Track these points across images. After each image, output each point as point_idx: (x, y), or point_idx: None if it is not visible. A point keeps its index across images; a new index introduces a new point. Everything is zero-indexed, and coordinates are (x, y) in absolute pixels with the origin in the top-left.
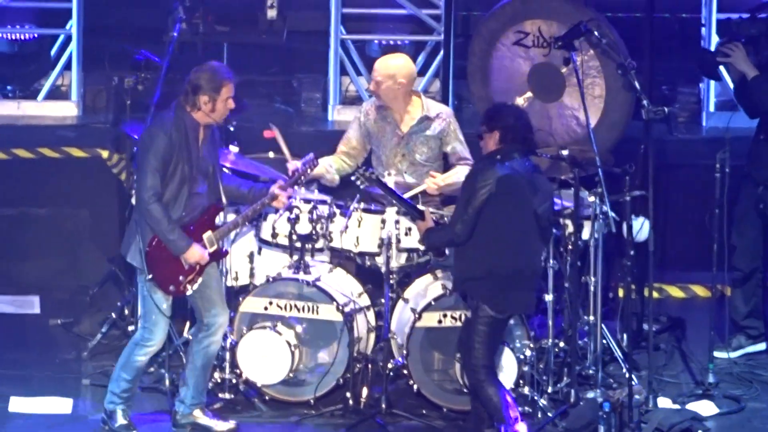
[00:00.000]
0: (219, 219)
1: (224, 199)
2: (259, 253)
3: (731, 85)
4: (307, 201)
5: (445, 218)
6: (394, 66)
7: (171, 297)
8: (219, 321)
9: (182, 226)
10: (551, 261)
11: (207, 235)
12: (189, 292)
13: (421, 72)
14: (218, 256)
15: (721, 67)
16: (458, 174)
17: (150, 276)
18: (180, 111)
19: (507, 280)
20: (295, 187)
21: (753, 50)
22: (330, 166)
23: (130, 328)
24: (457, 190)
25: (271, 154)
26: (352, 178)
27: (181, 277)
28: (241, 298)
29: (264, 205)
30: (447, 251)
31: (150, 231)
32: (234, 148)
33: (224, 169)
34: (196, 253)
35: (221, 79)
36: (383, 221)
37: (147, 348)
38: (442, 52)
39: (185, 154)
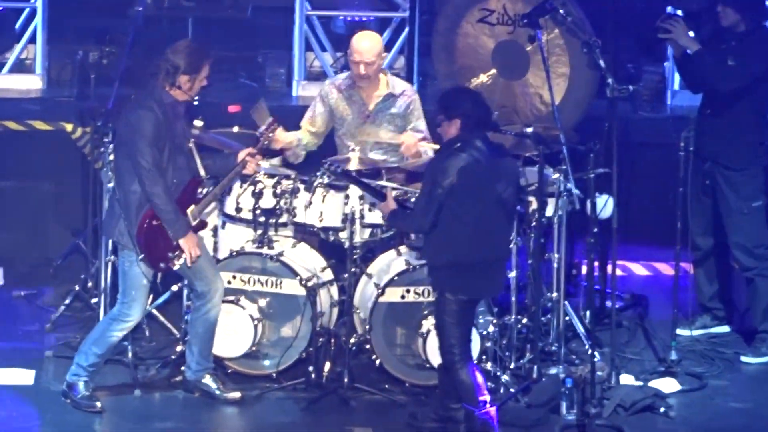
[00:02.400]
0: (199, 192)
1: (202, 172)
2: (223, 227)
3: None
4: (271, 175)
5: (409, 195)
6: (379, 44)
7: (152, 273)
8: (213, 287)
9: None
10: (515, 238)
11: (191, 209)
12: (177, 267)
13: (386, 49)
14: (200, 227)
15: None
16: (425, 147)
17: (142, 255)
18: (159, 91)
19: (472, 268)
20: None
21: (693, 25)
22: (299, 140)
23: (93, 300)
24: (421, 165)
25: (235, 129)
26: (318, 174)
27: (170, 254)
28: None
29: (237, 174)
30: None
31: (136, 211)
32: (198, 123)
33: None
34: (192, 241)
35: (202, 58)
36: (347, 197)
37: (125, 323)
38: (407, 29)
39: (169, 133)
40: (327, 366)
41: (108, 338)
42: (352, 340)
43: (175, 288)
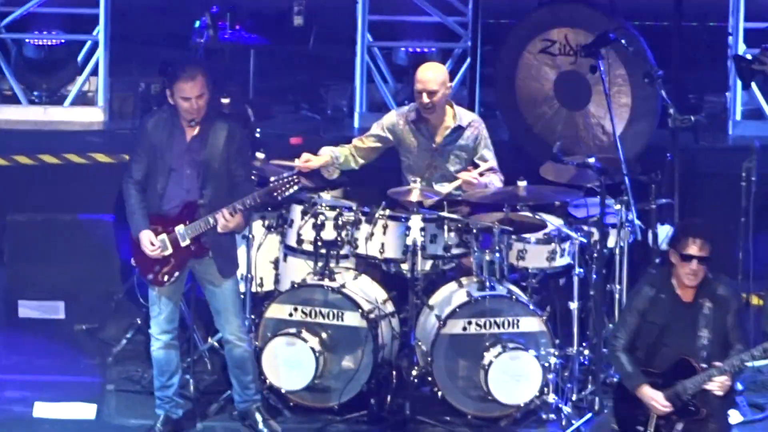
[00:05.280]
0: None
1: (204, 198)
2: (285, 259)
3: (758, 94)
4: (332, 207)
5: (471, 226)
6: (443, 73)
7: (158, 288)
8: (227, 329)
9: (160, 215)
10: (577, 269)
11: (179, 227)
12: (167, 284)
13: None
14: (192, 252)
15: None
16: (491, 178)
17: (133, 261)
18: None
19: None
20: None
21: None
22: (335, 157)
23: None
24: (486, 197)
25: (297, 161)
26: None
27: (156, 267)
28: (266, 305)
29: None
30: None
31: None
32: (260, 155)
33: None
34: (142, 240)
35: (177, 75)
36: (408, 228)
37: (153, 338)
38: (468, 60)
39: (170, 144)
40: (389, 398)
41: (153, 356)
42: (414, 373)
43: None
